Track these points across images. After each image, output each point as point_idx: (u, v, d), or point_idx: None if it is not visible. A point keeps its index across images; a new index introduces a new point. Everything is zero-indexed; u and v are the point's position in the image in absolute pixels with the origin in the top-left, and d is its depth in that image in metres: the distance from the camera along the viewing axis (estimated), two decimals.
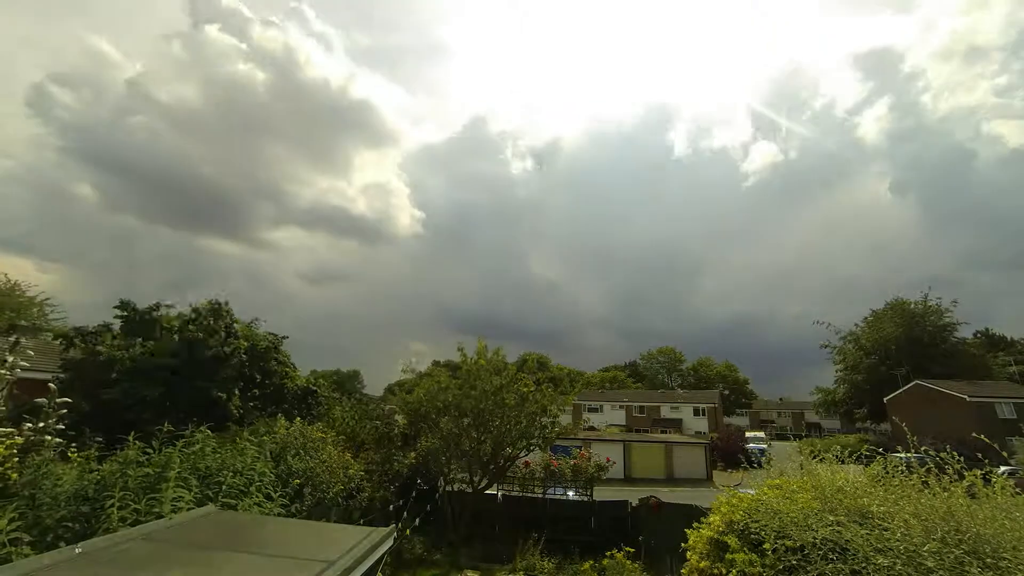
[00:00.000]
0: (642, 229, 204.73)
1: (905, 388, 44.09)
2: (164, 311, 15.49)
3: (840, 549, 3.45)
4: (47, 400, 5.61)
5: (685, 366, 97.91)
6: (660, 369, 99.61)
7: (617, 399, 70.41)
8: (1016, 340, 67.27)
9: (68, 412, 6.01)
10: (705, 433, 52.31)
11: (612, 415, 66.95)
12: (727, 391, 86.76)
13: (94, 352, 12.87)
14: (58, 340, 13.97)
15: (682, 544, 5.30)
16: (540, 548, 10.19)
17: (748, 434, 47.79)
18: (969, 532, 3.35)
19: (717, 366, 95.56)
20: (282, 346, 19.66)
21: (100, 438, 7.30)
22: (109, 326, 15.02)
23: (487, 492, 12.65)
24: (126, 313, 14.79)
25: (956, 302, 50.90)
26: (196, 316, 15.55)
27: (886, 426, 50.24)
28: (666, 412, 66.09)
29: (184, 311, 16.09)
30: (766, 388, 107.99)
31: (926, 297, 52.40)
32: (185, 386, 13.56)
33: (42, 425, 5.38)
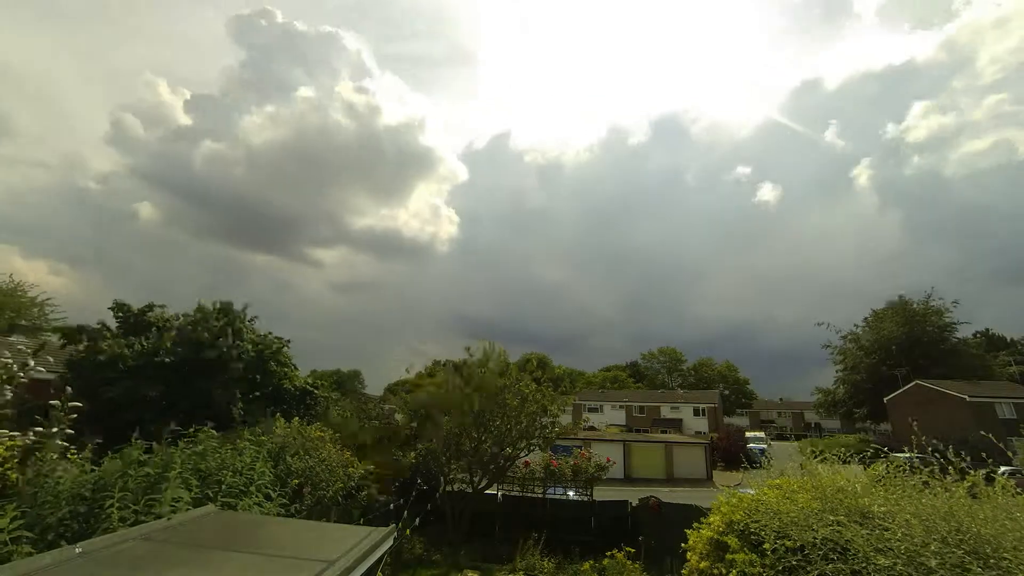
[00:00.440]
0: (648, 237, 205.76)
1: (905, 388, 44.09)
2: (158, 311, 15.53)
3: (841, 549, 3.44)
4: (60, 403, 5.54)
5: (685, 366, 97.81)
6: (660, 369, 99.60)
7: (617, 399, 70.39)
8: (1016, 340, 67.37)
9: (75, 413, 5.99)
10: (705, 433, 52.29)
11: (612, 415, 66.94)
12: (727, 391, 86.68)
13: (97, 350, 12.91)
14: (60, 338, 14.02)
15: (682, 544, 5.29)
16: (540, 548, 10.19)
17: (748, 434, 47.70)
18: (970, 532, 3.34)
19: (717, 366, 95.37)
20: (285, 349, 19.69)
21: (99, 438, 7.30)
22: (107, 326, 15.06)
23: (487, 492, 12.64)
24: (121, 314, 14.84)
25: (956, 302, 51.02)
26: (202, 317, 15.54)
27: (886, 426, 50.25)
28: (666, 412, 66.07)
29: (188, 312, 16.11)
30: (766, 388, 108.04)
31: (928, 297, 52.53)
32: (185, 386, 13.57)
33: (54, 430, 5.33)
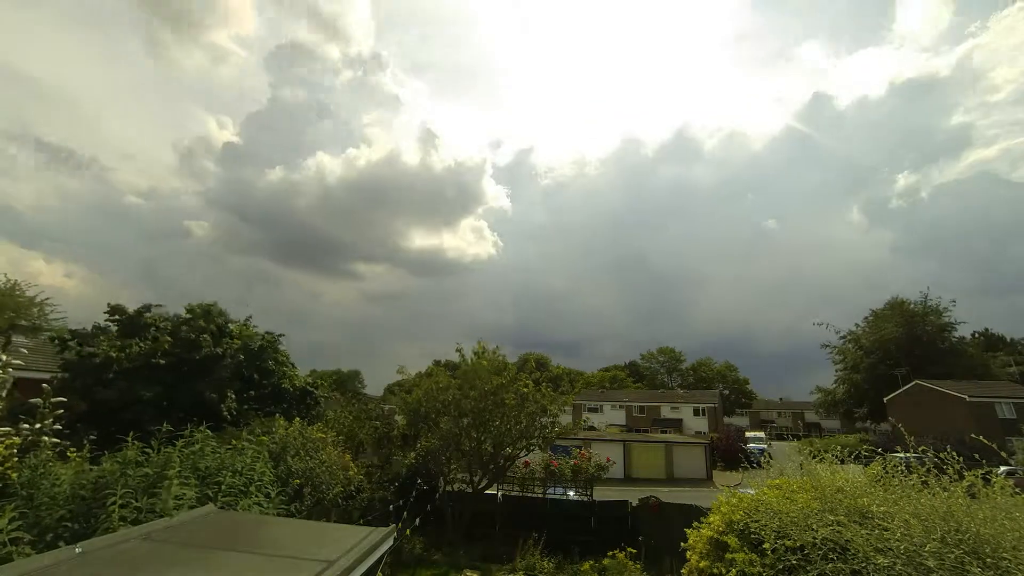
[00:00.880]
0: (658, 247, 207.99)
1: (905, 388, 44.10)
2: (155, 311, 15.56)
3: (840, 549, 3.45)
4: (42, 400, 5.58)
5: (685, 366, 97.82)
6: (660, 369, 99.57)
7: (617, 399, 70.34)
8: (1016, 340, 67.37)
9: (65, 412, 6.00)
10: (705, 433, 52.24)
11: (612, 415, 66.90)
12: (727, 391, 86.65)
13: (89, 354, 12.90)
14: (54, 343, 13.96)
15: (682, 544, 5.29)
16: (540, 548, 10.19)
17: (748, 434, 47.75)
18: (969, 532, 3.35)
19: (717, 366, 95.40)
20: (280, 345, 19.56)
21: (95, 437, 7.29)
22: (105, 328, 15.07)
23: (487, 492, 12.64)
24: (118, 316, 14.87)
25: (955, 302, 51.07)
26: (190, 317, 15.57)
27: (886, 426, 50.23)
28: (666, 412, 66.01)
29: (179, 312, 16.15)
30: (766, 388, 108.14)
31: (926, 297, 52.56)
32: (182, 386, 13.57)
33: (39, 426, 5.36)
